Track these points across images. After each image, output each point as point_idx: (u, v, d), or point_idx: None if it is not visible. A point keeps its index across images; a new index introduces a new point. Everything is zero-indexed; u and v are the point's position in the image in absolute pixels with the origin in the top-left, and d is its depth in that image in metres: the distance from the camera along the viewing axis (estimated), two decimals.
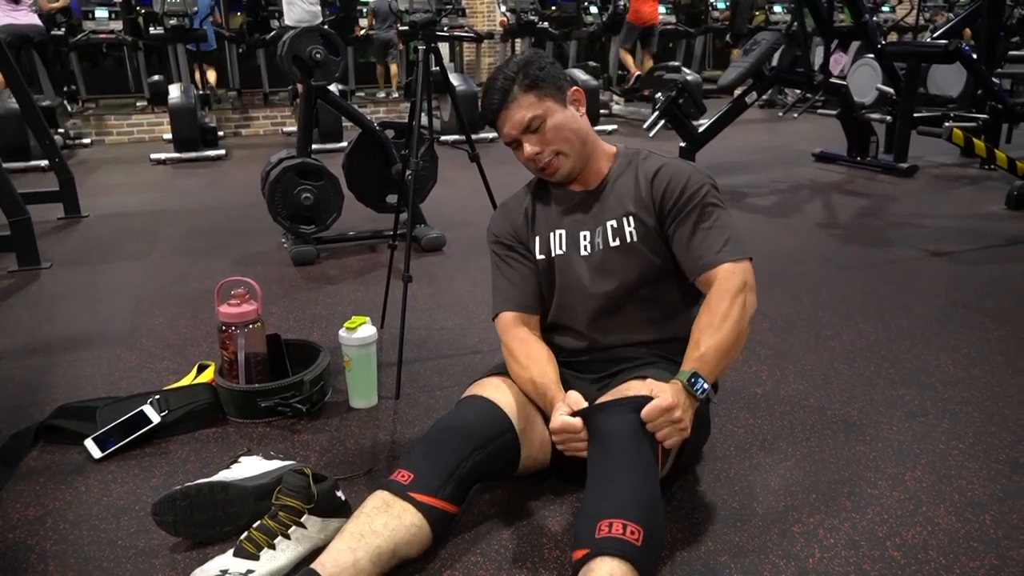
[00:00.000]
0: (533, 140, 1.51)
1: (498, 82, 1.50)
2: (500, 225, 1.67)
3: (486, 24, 9.66)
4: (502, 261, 1.64)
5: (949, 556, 1.39)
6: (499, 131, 1.54)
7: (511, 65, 1.52)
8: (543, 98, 1.49)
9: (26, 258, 3.28)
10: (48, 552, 1.46)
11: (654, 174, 1.54)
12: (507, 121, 1.50)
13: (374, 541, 1.28)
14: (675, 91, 4.74)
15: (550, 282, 1.61)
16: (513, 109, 1.49)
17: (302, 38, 3.21)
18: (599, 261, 1.55)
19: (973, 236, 3.54)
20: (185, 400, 1.91)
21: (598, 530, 1.18)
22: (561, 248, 1.58)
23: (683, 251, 1.51)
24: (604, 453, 1.30)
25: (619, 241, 1.54)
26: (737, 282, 1.43)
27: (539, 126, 1.49)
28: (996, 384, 2.08)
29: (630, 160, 1.60)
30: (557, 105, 1.50)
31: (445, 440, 1.42)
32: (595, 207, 1.58)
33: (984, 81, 4.82)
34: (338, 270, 3.23)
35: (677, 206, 1.50)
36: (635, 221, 1.53)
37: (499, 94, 1.49)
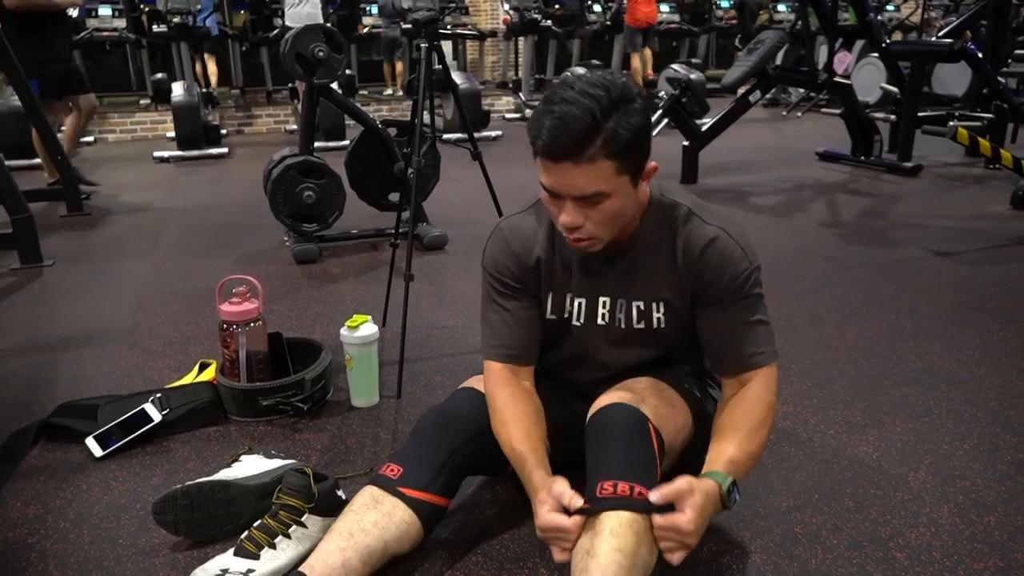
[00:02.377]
0: (579, 211, 1.19)
1: (579, 120, 1.10)
2: (502, 260, 1.41)
3: (489, 22, 9.66)
4: (500, 297, 1.42)
5: (953, 557, 1.38)
6: (540, 167, 1.18)
7: (602, 97, 1.11)
8: (622, 173, 1.16)
9: (28, 256, 3.29)
10: (49, 550, 1.45)
11: (700, 253, 1.30)
12: (565, 175, 1.15)
13: (364, 540, 1.26)
14: (678, 90, 4.73)
15: (553, 340, 1.47)
16: (582, 170, 1.13)
17: (305, 36, 3.20)
18: (619, 337, 1.41)
19: (978, 236, 3.53)
20: (186, 399, 1.91)
21: (600, 490, 1.17)
22: (579, 319, 1.41)
23: (718, 342, 1.34)
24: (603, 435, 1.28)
25: (644, 324, 1.39)
26: (774, 388, 1.31)
27: (598, 202, 1.18)
28: (1001, 384, 2.07)
29: (666, 217, 1.33)
30: (630, 184, 1.19)
31: (435, 432, 1.39)
32: (620, 274, 1.37)
33: (989, 80, 4.80)
34: (340, 268, 3.22)
35: (721, 293, 1.31)
36: (666, 307, 1.37)
37: (572, 141, 1.11)
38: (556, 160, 1.14)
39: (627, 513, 1.14)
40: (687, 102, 4.74)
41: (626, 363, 1.45)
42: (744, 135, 6.30)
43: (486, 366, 1.44)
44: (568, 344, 1.46)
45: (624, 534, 1.13)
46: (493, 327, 1.43)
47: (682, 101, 4.71)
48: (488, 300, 1.45)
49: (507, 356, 1.42)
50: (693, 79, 4.90)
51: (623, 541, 1.12)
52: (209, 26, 7.27)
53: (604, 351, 1.44)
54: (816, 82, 4.97)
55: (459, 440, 1.38)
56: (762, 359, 1.32)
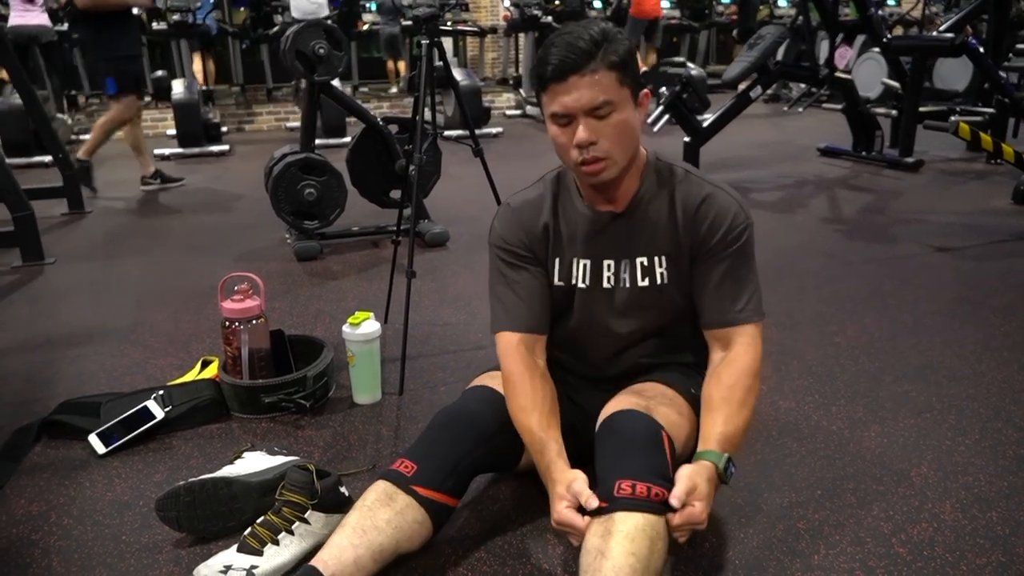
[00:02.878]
0: (592, 126, 1.25)
1: (580, 40, 1.22)
2: (510, 230, 1.44)
3: (489, 19, 9.64)
4: (510, 270, 1.44)
5: (955, 553, 1.38)
6: (550, 98, 1.26)
7: (593, 28, 1.25)
8: (623, 85, 1.25)
9: (30, 254, 3.29)
10: (52, 547, 1.46)
11: (697, 207, 1.35)
12: (574, 90, 1.22)
13: (376, 538, 1.26)
14: (679, 86, 4.72)
15: (561, 309, 1.48)
16: (588, 79, 1.22)
17: (305, 33, 3.20)
18: (624, 300, 1.43)
19: (979, 231, 3.52)
20: (189, 396, 1.91)
21: (617, 488, 1.18)
22: (584, 281, 1.43)
23: (704, 295, 1.38)
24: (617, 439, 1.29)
25: (648, 282, 1.40)
26: (758, 353, 1.34)
27: (607, 114, 1.24)
28: (1002, 380, 2.07)
29: (663, 179, 1.39)
30: (631, 100, 1.27)
31: (450, 431, 1.39)
32: (623, 235, 1.40)
33: (991, 75, 4.79)
34: (341, 265, 3.22)
35: (715, 245, 1.35)
36: (668, 262, 1.39)
37: (577, 55, 1.21)
38: (565, 77, 1.22)
39: (643, 516, 1.15)
40: (688, 98, 4.73)
41: (633, 331, 1.46)
42: (745, 131, 6.29)
43: (499, 340, 1.44)
44: (574, 313, 1.47)
45: (639, 538, 1.13)
46: (504, 300, 1.45)
47: (683, 97, 4.70)
48: (497, 275, 1.47)
49: (522, 326, 1.42)
50: (694, 75, 4.90)
51: (637, 545, 1.13)
52: (209, 24, 7.25)
53: (611, 316, 1.45)
54: (817, 77, 4.96)
55: (473, 441, 1.38)
56: (748, 316, 1.36)
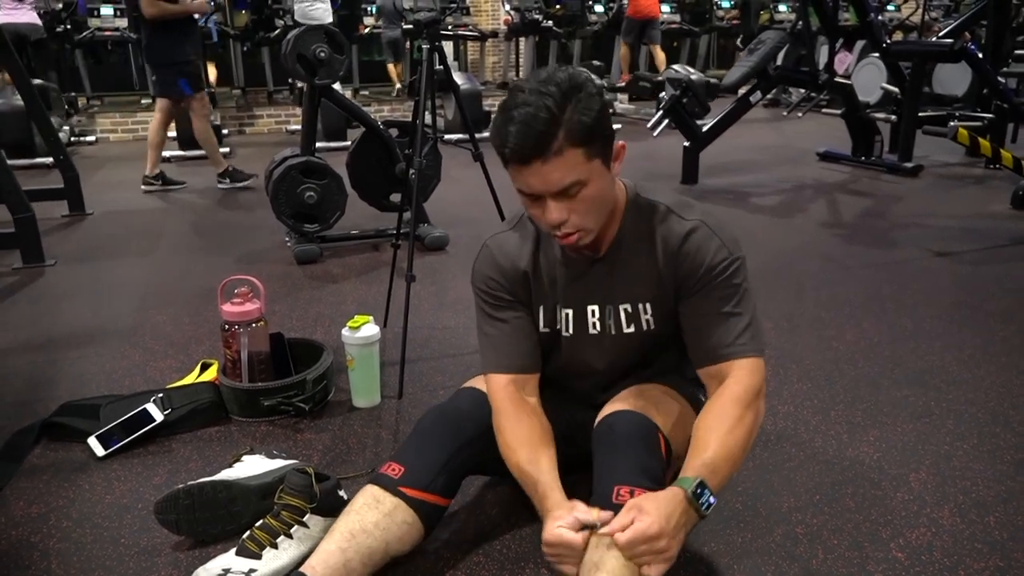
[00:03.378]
0: (561, 207, 1.18)
1: (537, 118, 1.11)
2: (490, 275, 1.40)
3: (490, 23, 9.66)
4: (495, 311, 1.41)
5: (953, 557, 1.38)
6: (514, 175, 1.18)
7: (553, 91, 1.13)
8: (591, 158, 1.16)
9: (30, 255, 3.29)
10: (51, 549, 1.46)
11: (679, 245, 1.29)
12: (537, 175, 1.15)
13: (365, 541, 1.26)
14: (679, 90, 4.73)
15: (547, 352, 1.45)
16: (553, 164, 1.13)
17: (306, 37, 3.21)
18: (610, 346, 1.41)
19: (978, 236, 3.53)
20: (188, 399, 1.92)
21: (616, 495, 1.18)
22: (569, 329, 1.40)
23: (694, 333, 1.32)
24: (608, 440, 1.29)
25: (634, 328, 1.38)
26: (753, 385, 1.25)
27: (576, 192, 1.17)
28: (1001, 385, 2.07)
29: (643, 218, 1.33)
30: (603, 167, 1.19)
31: (437, 431, 1.38)
32: (604, 280, 1.36)
33: (990, 80, 4.80)
34: (341, 269, 3.23)
35: (698, 284, 1.29)
36: (652, 307, 1.36)
37: (536, 137, 1.11)
38: (527, 162, 1.14)
39: None
40: (688, 102, 4.74)
41: (621, 369, 1.45)
42: (745, 135, 6.30)
43: (489, 381, 1.40)
44: (561, 356, 1.45)
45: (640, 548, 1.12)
46: (493, 341, 1.41)
47: (683, 101, 4.71)
48: (483, 316, 1.43)
49: (511, 367, 1.39)
50: (694, 79, 4.90)
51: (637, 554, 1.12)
52: (209, 28, 7.26)
53: (597, 359, 1.43)
54: (817, 82, 4.97)
55: (461, 440, 1.38)
56: (738, 351, 1.26)
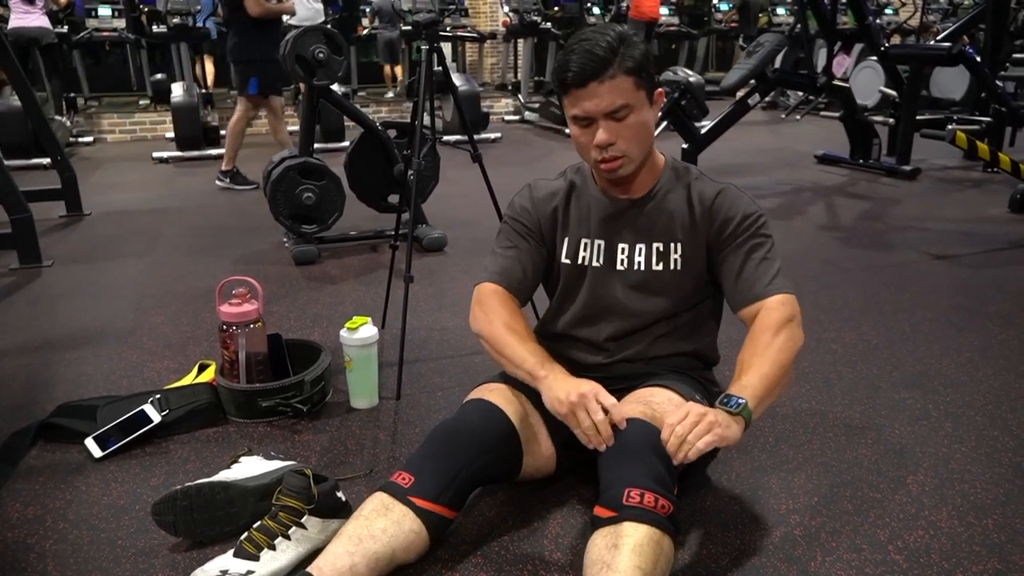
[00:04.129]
0: (611, 128, 1.35)
1: (597, 47, 1.30)
2: (524, 207, 1.56)
3: (489, 24, 9.66)
4: (515, 237, 1.55)
5: (952, 560, 1.38)
6: (571, 102, 1.36)
7: (610, 33, 1.33)
8: (639, 88, 1.34)
9: (28, 256, 3.28)
10: (47, 551, 1.45)
11: (712, 200, 1.46)
12: (594, 96, 1.32)
13: (372, 546, 1.26)
14: (678, 93, 4.73)
15: (571, 289, 1.55)
16: (607, 86, 1.31)
17: (305, 38, 3.21)
18: (637, 282, 1.49)
19: (976, 239, 3.54)
20: (186, 399, 1.91)
21: (627, 496, 1.19)
22: (598, 260, 1.51)
23: (732, 280, 1.44)
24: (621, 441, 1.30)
25: (662, 266, 1.48)
26: (784, 315, 1.37)
27: (625, 116, 1.34)
28: (999, 387, 2.07)
29: (680, 176, 1.51)
30: (647, 101, 1.37)
31: (449, 444, 1.39)
32: (639, 221, 1.48)
33: (987, 84, 4.81)
34: (340, 270, 3.23)
35: (733, 235, 1.44)
36: (683, 248, 1.47)
37: (596, 62, 1.30)
38: (585, 84, 1.32)
39: (650, 528, 1.16)
40: (686, 105, 4.74)
41: (643, 315, 1.50)
42: (743, 138, 6.31)
43: (480, 288, 1.54)
44: (585, 292, 1.53)
45: (647, 552, 1.14)
46: (498, 259, 1.56)
47: (681, 104, 4.71)
48: (501, 241, 1.58)
49: (500, 281, 1.52)
50: (692, 82, 4.91)
51: (644, 559, 1.13)
52: (208, 27, 7.26)
53: (622, 296, 1.51)
54: (815, 85, 4.98)
55: (471, 453, 1.38)
56: (772, 290, 1.40)
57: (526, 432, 1.47)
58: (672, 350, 1.54)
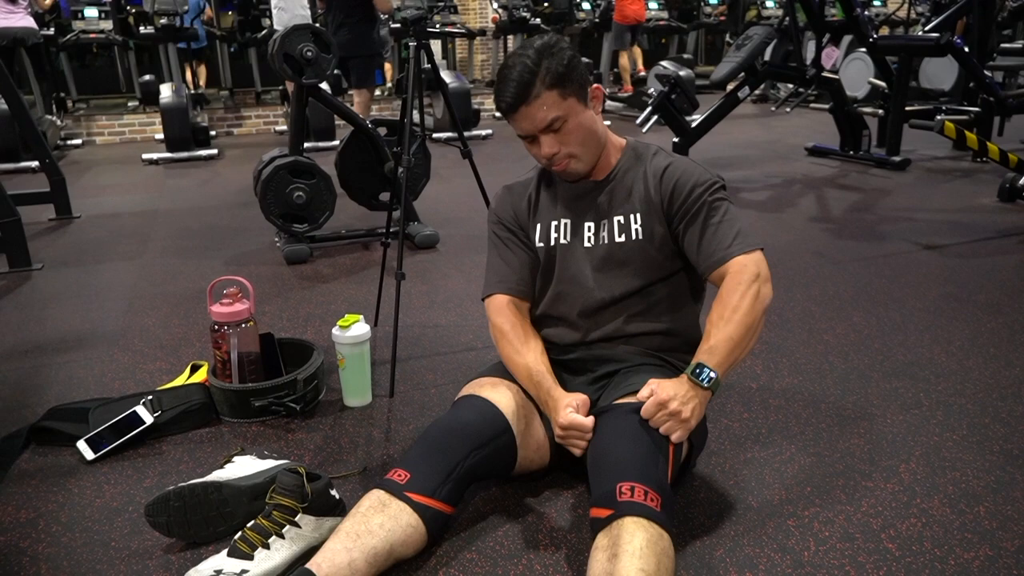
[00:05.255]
0: (551, 140, 1.44)
1: (516, 72, 1.39)
2: (503, 208, 1.64)
3: (478, 21, 9.65)
4: (501, 243, 1.63)
5: (944, 547, 1.39)
6: (513, 124, 1.46)
7: (530, 53, 1.40)
8: (566, 97, 1.41)
9: (17, 260, 3.26)
10: (40, 555, 1.45)
11: (662, 172, 1.50)
12: (525, 118, 1.42)
13: (370, 541, 1.27)
14: (668, 86, 4.74)
15: (547, 271, 1.59)
16: (534, 107, 1.40)
17: (292, 36, 3.19)
18: (603, 255, 1.54)
19: (965, 229, 3.55)
20: (178, 400, 1.91)
21: (619, 492, 1.21)
22: (565, 238, 1.57)
23: (694, 249, 1.48)
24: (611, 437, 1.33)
25: (624, 237, 1.52)
26: (749, 274, 1.40)
27: (560, 126, 1.42)
28: (989, 376, 2.08)
29: (639, 155, 1.56)
30: (579, 104, 1.43)
31: (444, 440, 1.40)
32: (601, 199, 1.55)
33: (976, 74, 4.83)
34: (332, 268, 3.22)
35: (685, 205, 1.47)
36: (642, 219, 1.51)
37: (518, 87, 1.39)
38: (516, 109, 1.41)
39: (647, 532, 1.16)
40: (676, 99, 4.74)
41: (612, 288, 1.54)
42: (734, 131, 6.32)
43: (490, 302, 1.61)
44: (558, 270, 1.58)
45: (647, 556, 1.14)
46: (496, 270, 1.62)
47: (672, 98, 4.72)
48: (492, 248, 1.65)
49: (510, 289, 1.60)
50: (682, 76, 4.92)
51: (645, 562, 1.13)
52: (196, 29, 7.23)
53: (590, 270, 1.55)
54: (804, 77, 4.99)
55: (466, 449, 1.39)
56: (735, 249, 1.43)
57: (520, 426, 1.48)
58: (649, 328, 1.55)
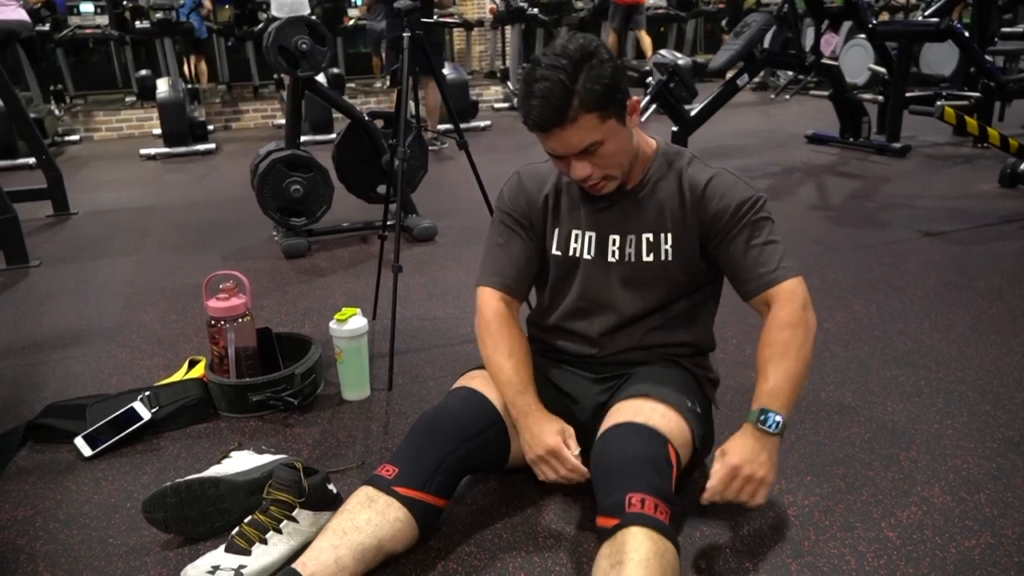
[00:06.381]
0: (584, 163, 1.32)
1: (549, 87, 1.23)
2: (515, 198, 1.52)
3: (476, 11, 9.60)
4: (507, 232, 1.51)
5: (944, 535, 1.38)
6: (541, 138, 1.31)
7: (566, 64, 1.23)
8: (606, 119, 1.27)
9: (14, 257, 3.26)
10: (38, 552, 1.44)
11: (703, 188, 1.40)
12: (558, 140, 1.28)
13: (357, 537, 1.25)
14: (666, 75, 4.71)
15: (563, 282, 1.51)
16: (570, 131, 1.26)
17: (287, 29, 3.17)
18: (628, 274, 1.46)
19: (966, 215, 3.53)
20: (176, 396, 1.90)
21: (628, 503, 1.19)
22: (589, 253, 1.47)
23: (736, 269, 1.40)
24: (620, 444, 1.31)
25: (653, 257, 1.44)
26: (798, 304, 1.33)
27: (596, 150, 1.30)
28: (990, 363, 2.07)
29: (671, 162, 1.45)
30: (618, 124, 1.30)
31: (432, 432, 1.39)
32: (629, 211, 1.44)
33: (976, 59, 4.80)
34: (329, 262, 3.21)
35: (731, 222, 1.38)
36: (673, 239, 1.42)
37: (552, 107, 1.23)
38: (547, 131, 1.28)
39: (654, 543, 1.15)
40: (675, 87, 4.72)
41: (635, 307, 1.47)
42: (733, 119, 6.29)
43: (481, 292, 1.52)
44: (577, 286, 1.50)
45: (653, 567, 1.13)
46: (496, 260, 1.53)
47: (670, 86, 4.69)
48: (495, 234, 1.54)
49: (503, 286, 1.50)
50: (681, 64, 4.88)
51: (650, 571, 1.12)
52: (193, 23, 7.20)
53: (615, 290, 1.47)
54: (804, 64, 4.96)
55: (456, 440, 1.38)
56: (781, 275, 1.36)
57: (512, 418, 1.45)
58: (667, 340, 1.51)
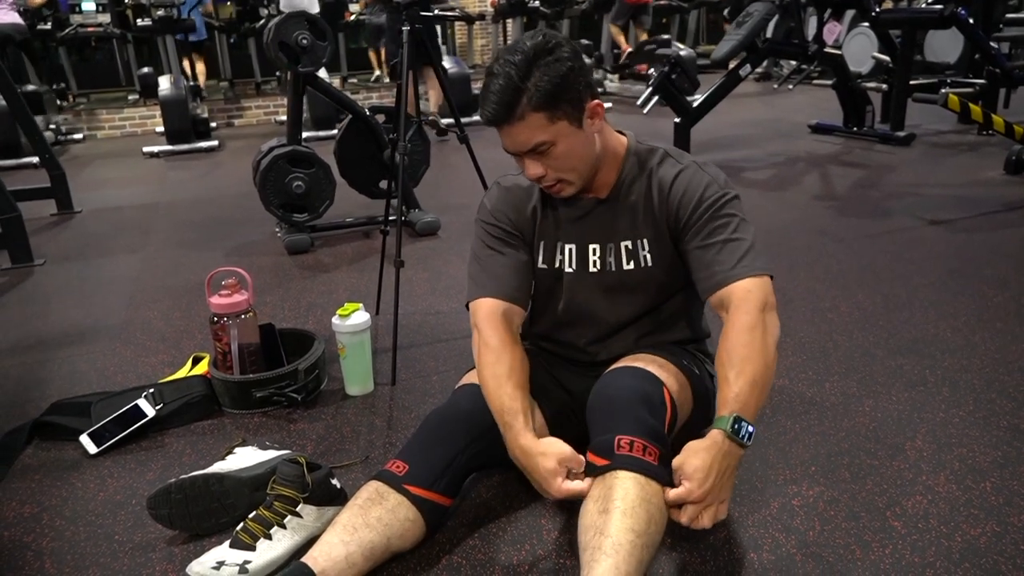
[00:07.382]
0: (535, 162, 1.30)
1: (500, 84, 1.22)
2: (500, 208, 1.47)
3: (477, 5, 9.57)
4: (495, 243, 1.46)
5: (950, 524, 1.38)
6: (500, 137, 1.30)
7: (519, 60, 1.21)
8: (555, 120, 1.24)
9: (19, 256, 3.27)
10: (44, 549, 1.45)
11: (670, 185, 1.36)
12: (508, 136, 1.28)
13: (367, 535, 1.26)
14: (668, 66, 4.69)
15: (548, 295, 1.50)
16: (517, 128, 1.24)
17: (287, 24, 3.17)
18: (611, 283, 1.44)
19: (971, 203, 3.51)
20: (180, 393, 1.91)
21: (617, 445, 1.19)
22: (571, 265, 1.45)
23: (697, 266, 1.35)
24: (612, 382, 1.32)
25: (633, 265, 1.42)
26: (754, 303, 1.25)
27: (546, 150, 1.27)
28: (996, 351, 2.06)
29: (643, 162, 1.41)
30: (571, 127, 1.26)
31: (442, 431, 1.39)
32: (606, 218, 1.42)
33: (981, 46, 4.76)
34: (332, 258, 3.21)
35: (691, 219, 1.34)
36: (651, 244, 1.41)
37: (501, 106, 1.22)
38: (497, 126, 1.27)
39: (639, 487, 1.15)
40: (677, 78, 4.70)
41: (621, 315, 1.47)
42: (736, 110, 6.27)
43: (478, 307, 1.43)
44: (562, 298, 1.49)
45: (638, 512, 1.13)
46: (486, 270, 1.45)
47: (672, 78, 4.67)
48: (480, 248, 1.47)
49: (502, 294, 1.42)
50: (683, 56, 4.87)
51: (635, 520, 1.13)
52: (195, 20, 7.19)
53: (598, 301, 1.46)
54: (807, 54, 4.93)
55: (465, 441, 1.38)
56: (738, 272, 1.28)
57: None
58: (658, 341, 1.50)
